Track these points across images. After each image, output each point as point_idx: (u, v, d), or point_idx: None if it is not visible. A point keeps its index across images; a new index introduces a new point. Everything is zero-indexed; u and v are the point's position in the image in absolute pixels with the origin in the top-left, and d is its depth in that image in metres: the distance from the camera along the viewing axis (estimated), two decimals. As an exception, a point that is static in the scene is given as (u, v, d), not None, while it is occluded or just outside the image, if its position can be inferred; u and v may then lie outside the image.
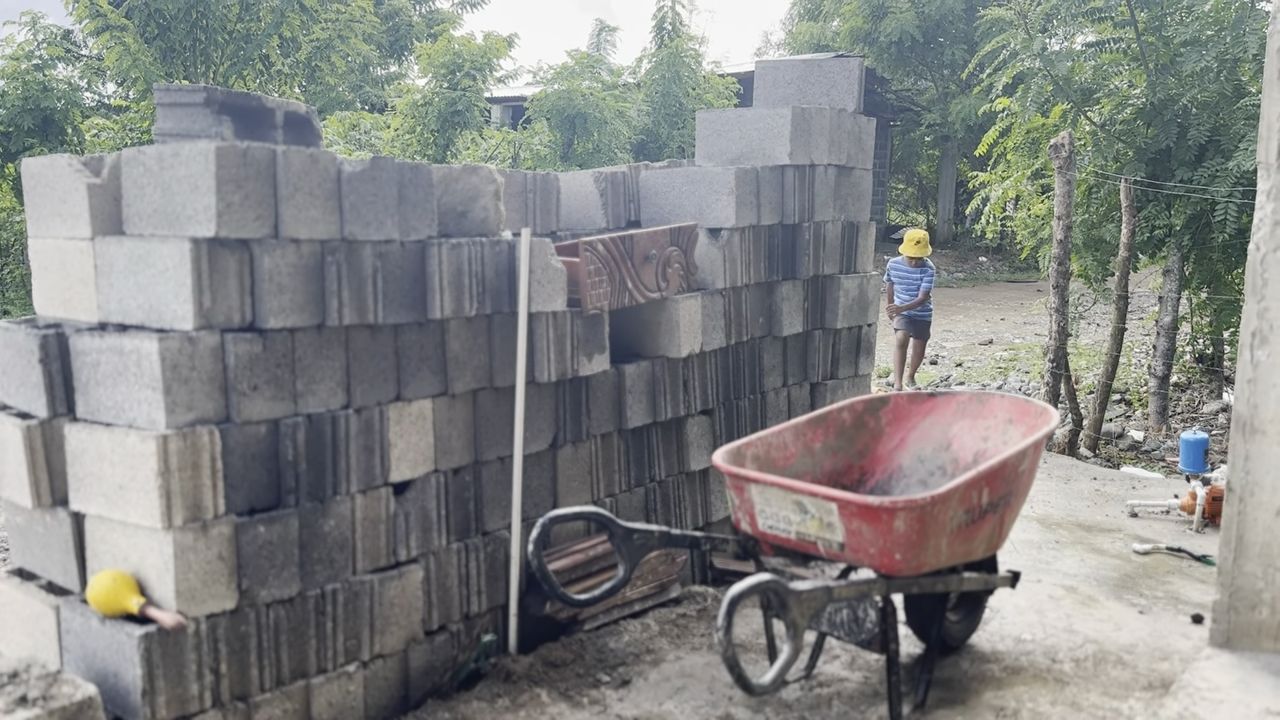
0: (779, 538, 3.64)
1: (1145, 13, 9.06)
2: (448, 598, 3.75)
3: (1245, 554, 3.63)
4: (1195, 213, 8.91)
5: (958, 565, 3.79)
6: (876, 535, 3.39)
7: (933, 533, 3.43)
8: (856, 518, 3.41)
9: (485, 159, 15.95)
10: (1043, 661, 4.04)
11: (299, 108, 4.00)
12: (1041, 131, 9.94)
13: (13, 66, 12.67)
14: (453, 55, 15.88)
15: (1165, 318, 9.48)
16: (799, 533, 3.57)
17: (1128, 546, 5.63)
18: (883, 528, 3.37)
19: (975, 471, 3.54)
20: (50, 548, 3.31)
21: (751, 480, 3.62)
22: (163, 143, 3.49)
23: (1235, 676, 3.46)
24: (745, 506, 3.69)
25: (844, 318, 5.49)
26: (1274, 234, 3.51)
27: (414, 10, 26.44)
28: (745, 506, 3.69)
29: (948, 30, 24.35)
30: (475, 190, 3.80)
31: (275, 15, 14.09)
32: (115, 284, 3.10)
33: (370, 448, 3.43)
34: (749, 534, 3.75)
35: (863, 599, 3.51)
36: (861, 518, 3.39)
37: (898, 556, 3.42)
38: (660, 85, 17.96)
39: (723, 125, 5.14)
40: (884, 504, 3.35)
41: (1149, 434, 9.38)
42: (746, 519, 3.71)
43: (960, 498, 3.49)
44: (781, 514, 3.58)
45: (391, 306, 3.44)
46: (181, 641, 2.98)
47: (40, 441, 3.17)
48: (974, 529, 3.64)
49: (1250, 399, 3.59)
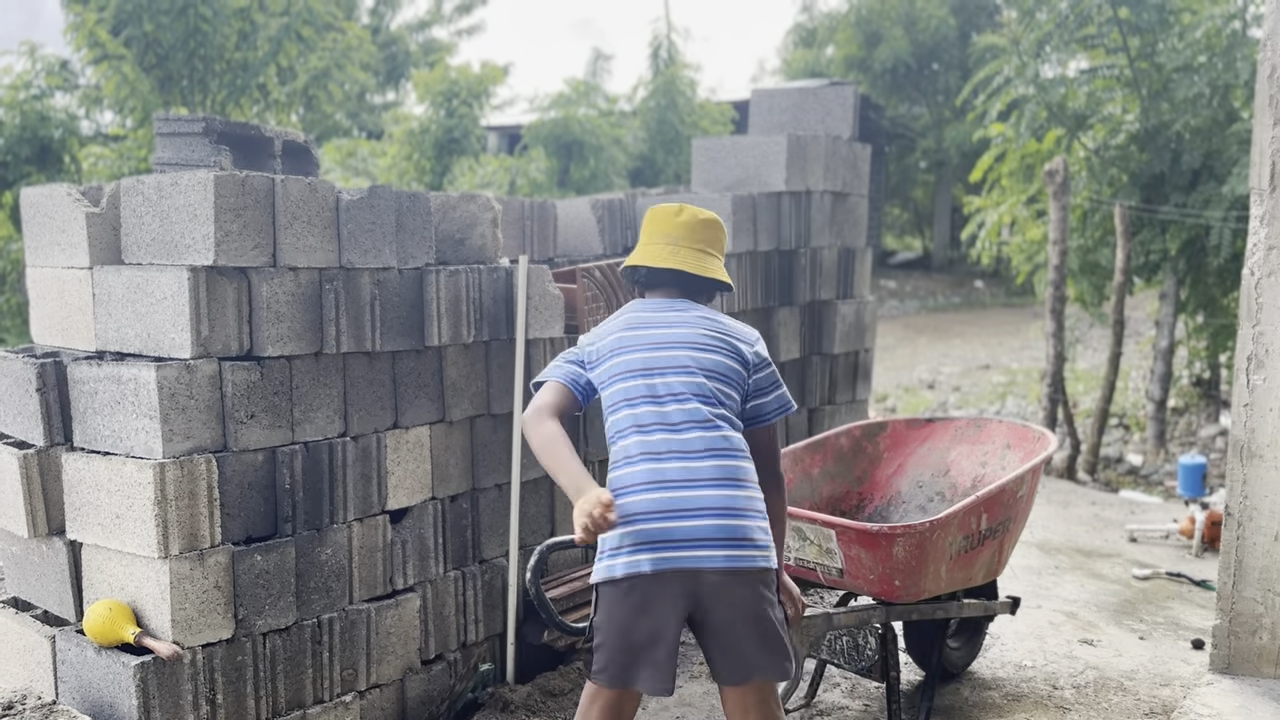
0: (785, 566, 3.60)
1: (1137, 39, 9.13)
2: (445, 626, 3.74)
3: (1244, 579, 3.62)
4: (1190, 237, 8.95)
5: (958, 591, 3.78)
6: (876, 561, 3.36)
7: (932, 559, 3.41)
8: (855, 544, 3.38)
9: (482, 186, 16.00)
10: (1044, 688, 4.02)
11: (297, 136, 4.02)
12: (1036, 157, 9.99)
13: (11, 96, 12.72)
14: (449, 83, 15.96)
15: (1162, 342, 9.50)
16: (798, 559, 3.55)
17: (1127, 571, 5.61)
18: (882, 554, 3.35)
19: (974, 497, 3.53)
20: (46, 577, 3.29)
21: None
22: (161, 172, 3.51)
23: (1236, 702, 3.45)
24: None
25: (841, 343, 5.50)
26: (1268, 259, 3.52)
27: (411, 39, 26.60)
28: None
29: (941, 56, 24.53)
30: (473, 217, 3.81)
31: (272, 44, 14.16)
32: (113, 312, 3.10)
33: (367, 475, 3.43)
34: None
35: (862, 626, 3.49)
36: (860, 544, 3.36)
37: (897, 583, 3.40)
38: (656, 112, 18.04)
39: (719, 152, 5.16)
40: (883, 530, 3.33)
41: (1147, 458, 9.37)
42: None
43: (959, 523, 3.48)
44: (793, 544, 3.54)
45: (389, 334, 3.44)
46: (178, 671, 2.96)
47: (37, 470, 3.17)
48: (973, 555, 3.62)
49: (1247, 423, 3.59)
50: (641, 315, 2.74)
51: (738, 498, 2.53)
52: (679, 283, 2.79)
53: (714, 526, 2.48)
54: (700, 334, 2.68)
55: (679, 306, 2.76)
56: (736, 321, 2.80)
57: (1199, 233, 8.85)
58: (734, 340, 2.71)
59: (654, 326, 2.70)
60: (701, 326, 2.70)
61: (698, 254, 2.78)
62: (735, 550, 2.48)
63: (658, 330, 2.69)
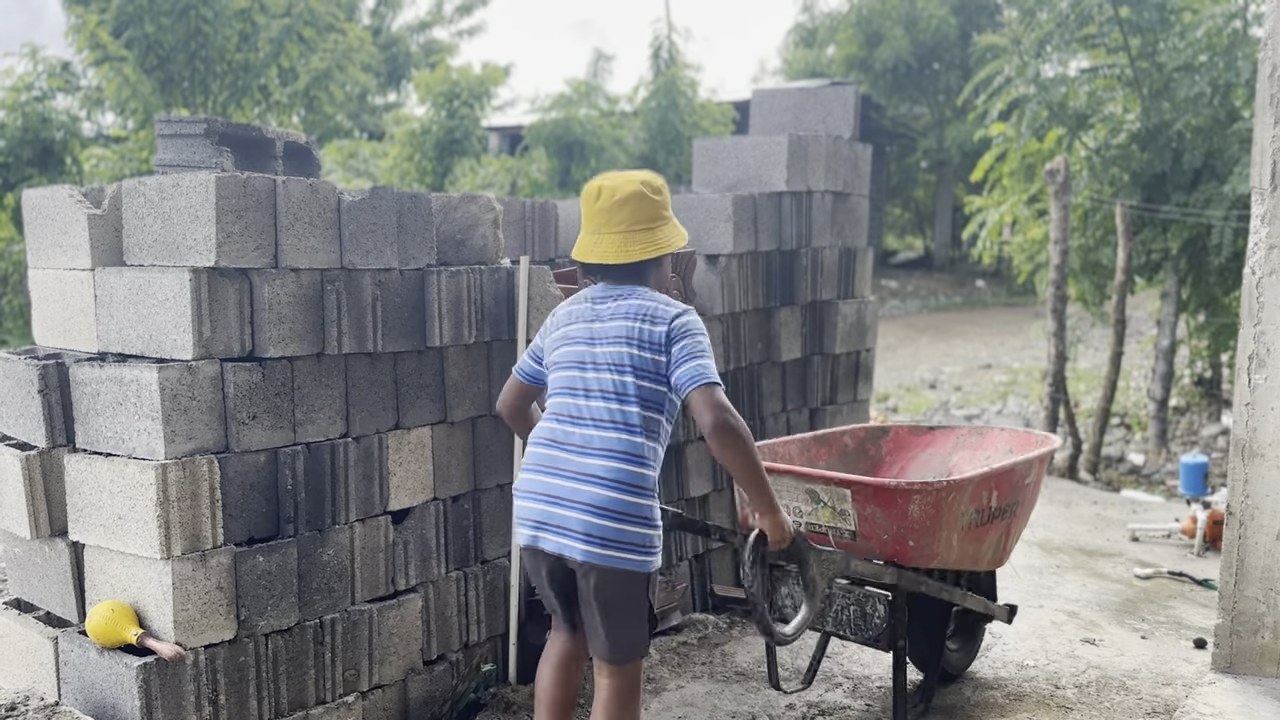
0: None
1: (1138, 39, 9.13)
2: (447, 627, 3.74)
3: (1246, 578, 3.63)
4: (1191, 236, 8.95)
5: (962, 576, 3.80)
6: (890, 520, 3.37)
7: (945, 523, 3.42)
8: (871, 502, 3.38)
9: (483, 187, 16.01)
10: (1046, 688, 4.02)
11: (299, 138, 4.02)
12: (1037, 157, 9.99)
13: (13, 98, 12.73)
14: (451, 84, 15.97)
15: (1163, 341, 9.50)
16: (809, 524, 3.54)
17: (1129, 571, 5.61)
18: (897, 512, 3.35)
19: (987, 469, 3.56)
20: (49, 578, 3.30)
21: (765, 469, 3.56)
22: (163, 173, 3.51)
23: (1238, 702, 3.45)
24: None
25: (842, 343, 5.50)
26: (1269, 258, 3.53)
27: (412, 39, 26.61)
28: None
29: (942, 56, 24.54)
30: (474, 218, 3.81)
31: (274, 45, 14.17)
32: (115, 314, 3.11)
33: (369, 476, 3.43)
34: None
35: (877, 579, 3.48)
36: (876, 502, 3.37)
37: (911, 544, 3.40)
38: (657, 113, 18.04)
39: (720, 152, 5.16)
40: (900, 485, 3.35)
41: (1149, 457, 9.37)
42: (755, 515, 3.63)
43: (972, 493, 3.50)
44: (792, 505, 3.54)
45: (391, 335, 3.45)
46: (180, 672, 2.97)
47: (39, 472, 3.17)
48: (983, 531, 3.64)
49: (1248, 422, 3.60)
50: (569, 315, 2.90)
51: (615, 499, 2.69)
52: (609, 272, 2.88)
53: (581, 521, 2.69)
54: (618, 330, 2.78)
55: (607, 298, 2.85)
56: (660, 301, 2.82)
57: (1200, 232, 8.85)
58: (649, 327, 2.76)
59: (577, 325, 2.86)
60: (622, 319, 2.78)
61: (620, 237, 2.82)
62: (596, 548, 2.69)
63: (580, 330, 2.84)
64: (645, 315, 2.77)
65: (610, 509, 2.68)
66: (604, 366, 2.77)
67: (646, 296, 2.83)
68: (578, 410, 2.78)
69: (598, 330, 2.81)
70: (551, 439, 2.80)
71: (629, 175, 2.90)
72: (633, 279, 2.87)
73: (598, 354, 2.79)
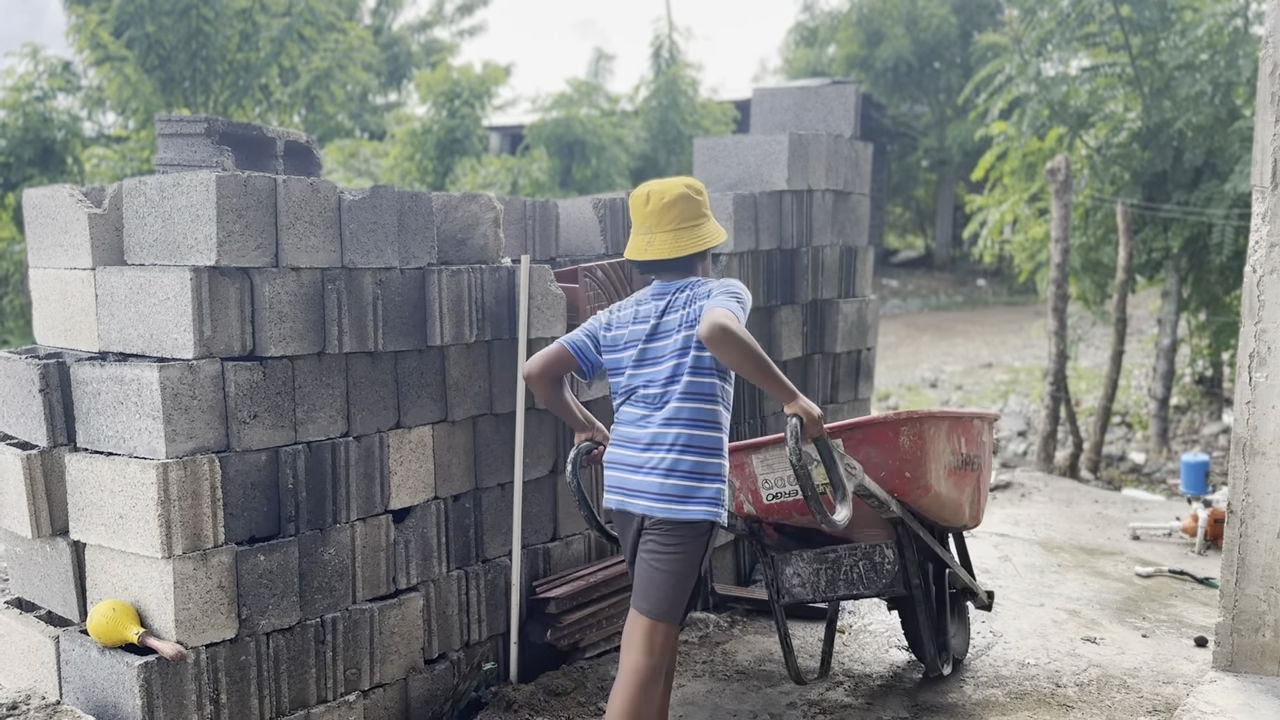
0: (784, 505, 3.63)
1: (1139, 37, 9.13)
2: (448, 626, 3.74)
3: (1247, 576, 3.63)
4: (1192, 235, 8.94)
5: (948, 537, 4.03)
6: (885, 455, 3.56)
7: (932, 453, 3.64)
8: (865, 444, 3.54)
9: (484, 186, 16.01)
10: (1047, 686, 4.02)
11: (299, 137, 4.02)
12: (1038, 155, 9.99)
13: (14, 98, 12.74)
14: (451, 84, 15.97)
15: (1164, 340, 9.50)
16: None
17: (1130, 569, 5.61)
18: (890, 446, 3.56)
19: (952, 410, 3.89)
20: (50, 578, 3.30)
21: (752, 449, 3.64)
22: (164, 172, 3.51)
23: (1239, 700, 3.45)
24: (748, 484, 3.67)
25: (843, 341, 5.50)
26: (1270, 256, 3.53)
27: (413, 39, 26.61)
28: (748, 484, 3.67)
29: (943, 55, 24.53)
30: (475, 217, 3.81)
31: (274, 45, 14.18)
32: (116, 313, 3.11)
33: (370, 475, 3.43)
34: (753, 516, 3.73)
35: (876, 547, 3.67)
36: (869, 441, 3.55)
37: (908, 475, 3.58)
38: (658, 112, 18.05)
39: (720, 151, 5.16)
40: (888, 418, 3.57)
41: (1149, 456, 9.37)
42: (749, 498, 3.68)
43: (947, 431, 3.73)
44: (786, 475, 3.58)
45: (391, 334, 3.45)
46: (181, 671, 2.97)
47: (40, 471, 3.17)
48: (961, 476, 3.85)
49: (1249, 421, 3.60)
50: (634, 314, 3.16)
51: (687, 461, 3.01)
52: (663, 267, 3.15)
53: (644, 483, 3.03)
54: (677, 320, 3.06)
55: (664, 294, 3.12)
56: (707, 284, 3.09)
57: (1201, 230, 8.84)
58: (695, 304, 3.04)
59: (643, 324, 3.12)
60: (680, 309, 3.06)
61: (671, 235, 3.11)
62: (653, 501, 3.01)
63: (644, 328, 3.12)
64: (695, 299, 3.06)
65: (679, 468, 3.00)
66: (668, 354, 3.06)
67: (698, 284, 3.11)
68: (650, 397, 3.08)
69: (662, 325, 3.09)
70: (632, 423, 3.11)
71: (673, 180, 3.17)
72: (683, 272, 3.15)
73: (667, 346, 3.07)
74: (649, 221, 3.13)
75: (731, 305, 2.94)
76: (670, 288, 3.13)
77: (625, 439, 3.11)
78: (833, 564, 3.73)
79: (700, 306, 2.99)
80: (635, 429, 3.08)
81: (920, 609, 3.76)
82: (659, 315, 3.10)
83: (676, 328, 3.05)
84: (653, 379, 3.07)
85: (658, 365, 3.07)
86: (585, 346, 3.20)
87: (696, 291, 3.07)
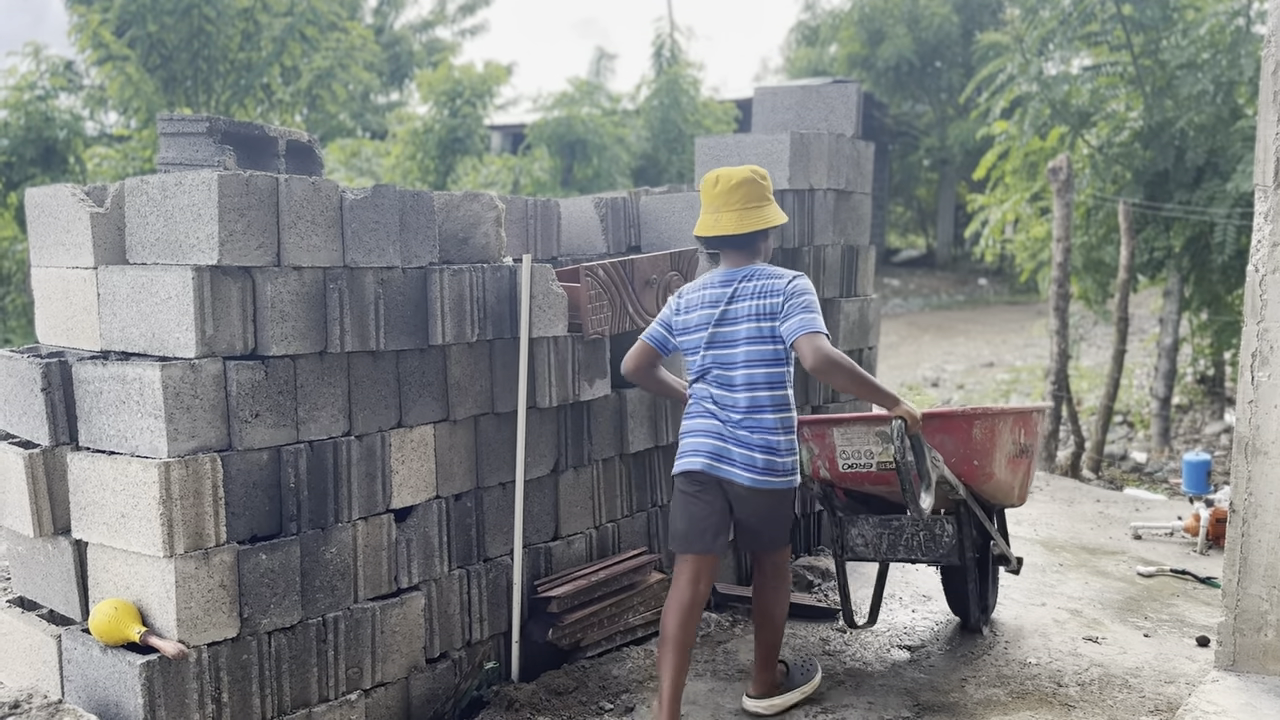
0: (858, 474, 4.01)
1: (1141, 36, 9.12)
2: (449, 625, 3.74)
3: (1250, 576, 3.62)
4: (1194, 234, 8.94)
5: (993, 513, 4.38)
6: (958, 444, 3.96)
7: (998, 445, 4.06)
8: (940, 431, 3.92)
9: (486, 185, 16.02)
10: (1048, 685, 4.02)
11: (301, 136, 4.02)
12: (1039, 154, 9.99)
13: (16, 97, 12.75)
14: (453, 83, 15.98)
15: (1166, 339, 9.50)
16: (880, 463, 3.93)
17: (1132, 569, 5.61)
18: (963, 436, 3.96)
19: (1014, 406, 4.26)
20: (52, 577, 3.30)
21: (835, 423, 4.02)
22: (166, 172, 3.51)
23: (1241, 700, 3.45)
24: (826, 452, 4.05)
25: (845, 340, 5.50)
26: (1272, 255, 3.52)
27: (414, 38, 26.62)
28: (826, 452, 4.05)
29: (945, 54, 24.52)
30: (476, 217, 3.81)
31: (276, 44, 14.19)
32: (118, 312, 3.11)
33: (372, 474, 3.43)
34: (827, 481, 4.10)
35: (938, 520, 4.05)
36: (945, 430, 3.94)
37: (975, 463, 4.00)
38: (659, 111, 18.05)
39: (722, 151, 5.16)
40: (965, 411, 4.01)
41: (1151, 455, 9.37)
42: (826, 464, 4.06)
43: (1010, 424, 4.14)
44: (863, 449, 3.96)
45: (393, 333, 3.45)
46: (183, 670, 2.97)
47: (42, 470, 3.18)
48: (1017, 463, 4.23)
49: (1252, 420, 3.59)
50: (701, 299, 3.54)
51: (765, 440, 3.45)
52: (728, 242, 3.52)
53: (745, 456, 3.46)
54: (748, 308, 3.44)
55: (731, 280, 3.49)
56: (775, 275, 3.46)
57: (1203, 230, 8.84)
58: (769, 300, 3.42)
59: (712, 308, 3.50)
60: (750, 298, 3.44)
61: (736, 214, 3.47)
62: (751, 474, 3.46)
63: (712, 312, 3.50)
64: (765, 291, 3.43)
65: (763, 446, 3.44)
66: (740, 339, 3.44)
67: (764, 275, 3.47)
68: (727, 380, 3.47)
69: (731, 311, 3.47)
70: (711, 400, 3.51)
71: (740, 167, 3.55)
72: (747, 250, 3.53)
73: (737, 331, 3.45)
74: (717, 201, 3.49)
75: (819, 323, 3.35)
76: (736, 274, 3.49)
77: (704, 413, 3.52)
78: (895, 530, 4.12)
79: (775, 304, 3.39)
80: (714, 405, 3.50)
81: (971, 578, 4.25)
82: (727, 301, 3.47)
83: (747, 315, 3.43)
84: (725, 361, 3.47)
85: (729, 348, 3.46)
86: (662, 336, 3.65)
87: (767, 284, 3.43)
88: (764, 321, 3.42)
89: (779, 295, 3.40)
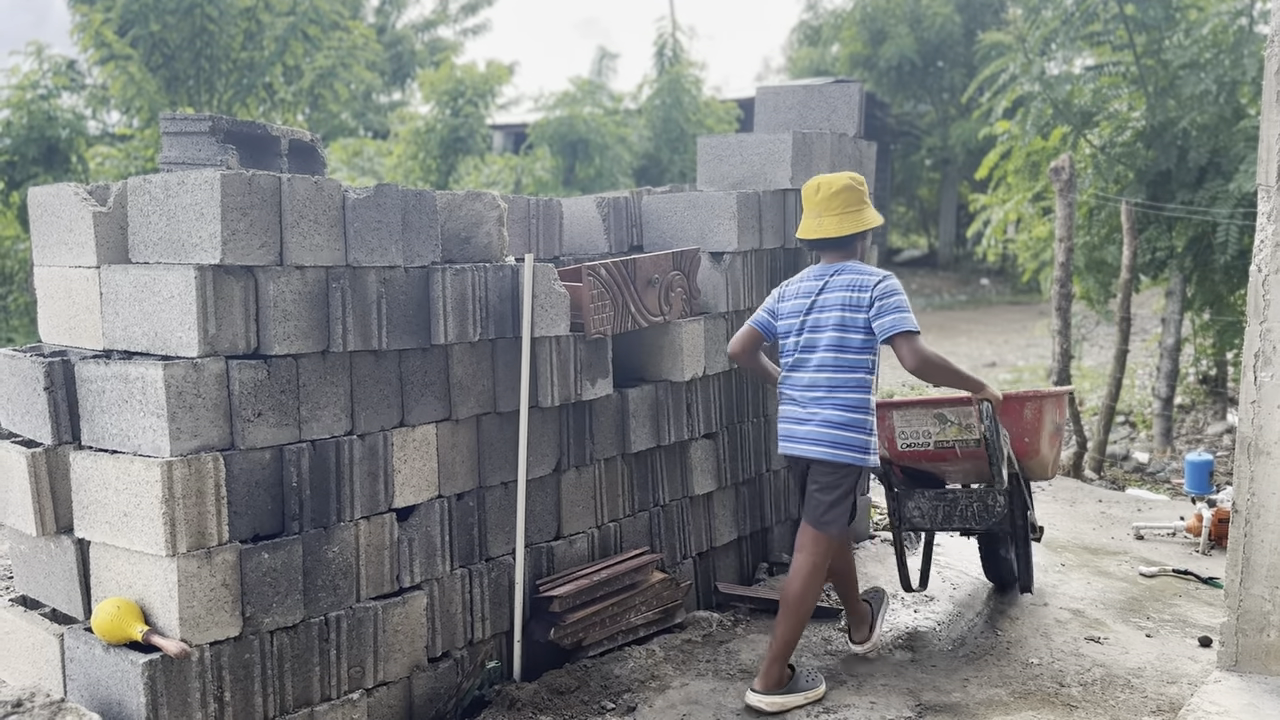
0: (916, 453, 4.44)
1: (1144, 36, 9.11)
2: (451, 624, 3.74)
3: (1252, 576, 3.62)
4: (1196, 234, 8.92)
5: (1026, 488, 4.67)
6: (1010, 423, 4.43)
7: (1044, 424, 4.55)
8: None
9: (488, 185, 16.02)
10: (1050, 686, 4.02)
11: (304, 135, 4.02)
12: (1042, 154, 9.97)
13: (18, 96, 12.76)
14: (455, 82, 15.98)
15: (1168, 339, 9.48)
16: (938, 442, 4.37)
17: (1134, 569, 5.60)
18: (1014, 416, 4.46)
19: (1053, 390, 4.72)
20: (54, 575, 3.31)
21: (895, 406, 4.44)
22: (168, 171, 3.52)
23: (1244, 700, 3.45)
24: (885, 433, 4.43)
25: (847, 341, 5.49)
26: (1275, 255, 3.52)
27: (416, 38, 26.62)
28: (885, 433, 4.43)
29: (947, 54, 24.49)
30: (478, 216, 3.81)
31: (278, 44, 14.19)
32: (121, 311, 3.11)
33: (374, 474, 3.44)
34: (886, 459, 4.44)
35: (990, 491, 4.31)
36: (1001, 412, 4.23)
37: (1026, 440, 4.51)
38: (661, 111, 18.05)
39: (724, 150, 5.16)
40: (1019, 394, 4.52)
41: (1154, 456, 9.35)
42: (885, 444, 4.42)
43: (1053, 404, 4.62)
44: (922, 429, 4.39)
45: (395, 332, 3.45)
46: (185, 669, 2.97)
47: (45, 469, 3.18)
48: (1054, 439, 4.70)
49: (1254, 420, 3.59)
50: (798, 290, 3.91)
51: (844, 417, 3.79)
52: (828, 244, 3.89)
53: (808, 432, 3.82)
54: (837, 300, 3.78)
55: (825, 275, 3.86)
56: (866, 273, 3.81)
57: (1205, 230, 8.82)
58: (857, 294, 3.75)
59: (807, 299, 3.86)
60: (840, 291, 3.78)
61: (837, 218, 3.83)
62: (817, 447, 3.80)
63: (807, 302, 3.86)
64: (855, 286, 3.77)
65: (840, 424, 3.77)
66: (827, 327, 3.78)
67: (856, 271, 3.82)
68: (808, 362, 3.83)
69: (820, 301, 3.82)
70: (797, 384, 3.86)
71: (839, 174, 3.88)
72: (846, 249, 3.89)
73: (823, 319, 3.80)
74: (819, 207, 3.85)
75: (912, 321, 3.68)
76: (829, 270, 3.86)
77: (791, 399, 3.88)
78: (950, 502, 4.42)
79: (863, 298, 3.72)
80: (799, 390, 3.84)
81: (1020, 541, 4.62)
82: (818, 293, 3.83)
83: (836, 306, 3.78)
84: (813, 346, 3.81)
85: (818, 335, 3.80)
86: (766, 321, 4.01)
87: (857, 279, 3.78)
88: (849, 313, 3.75)
89: (867, 290, 3.73)
